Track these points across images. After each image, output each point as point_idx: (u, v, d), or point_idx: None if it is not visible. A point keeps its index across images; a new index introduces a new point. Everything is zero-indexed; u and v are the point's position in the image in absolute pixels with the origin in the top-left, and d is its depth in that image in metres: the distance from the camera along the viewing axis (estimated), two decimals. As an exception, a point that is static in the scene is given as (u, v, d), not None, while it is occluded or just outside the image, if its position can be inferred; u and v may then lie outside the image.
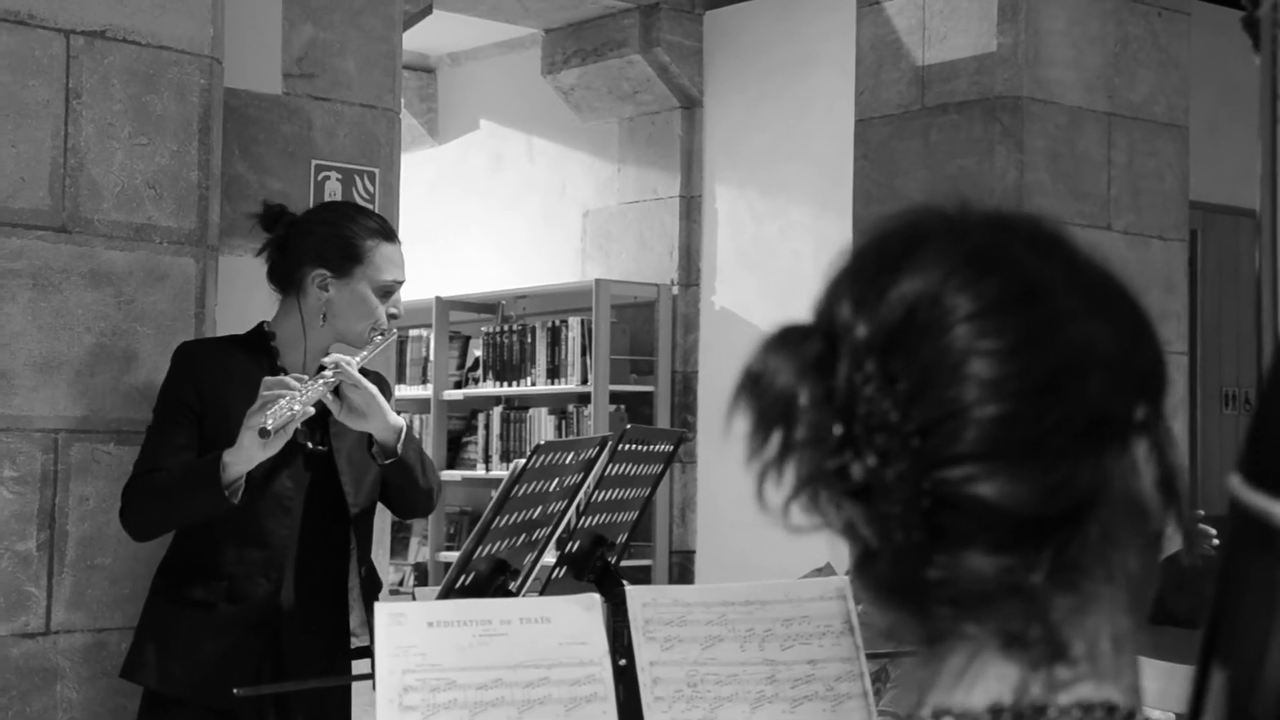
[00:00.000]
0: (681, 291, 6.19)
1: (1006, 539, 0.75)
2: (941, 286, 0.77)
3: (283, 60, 3.76)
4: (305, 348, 2.73)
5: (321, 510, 2.69)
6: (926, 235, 0.80)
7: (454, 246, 7.10)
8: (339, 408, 2.60)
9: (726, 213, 6.15)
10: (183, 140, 3.16)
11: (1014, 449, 0.74)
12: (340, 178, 3.84)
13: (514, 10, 6.30)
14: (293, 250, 2.72)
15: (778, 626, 2.04)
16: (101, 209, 3.07)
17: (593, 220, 6.57)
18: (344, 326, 2.71)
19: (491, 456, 6.51)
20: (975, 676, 0.78)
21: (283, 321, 2.75)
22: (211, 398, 2.66)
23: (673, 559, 6.14)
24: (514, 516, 2.39)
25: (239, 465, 2.51)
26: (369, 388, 2.61)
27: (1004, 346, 0.75)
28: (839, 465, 0.76)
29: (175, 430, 2.65)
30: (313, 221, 2.76)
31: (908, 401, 0.75)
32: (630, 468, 2.67)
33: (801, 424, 0.77)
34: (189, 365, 2.70)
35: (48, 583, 2.97)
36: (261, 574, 2.65)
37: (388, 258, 2.72)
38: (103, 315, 3.05)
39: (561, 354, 6.25)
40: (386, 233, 2.75)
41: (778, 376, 0.79)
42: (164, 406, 2.69)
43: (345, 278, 2.69)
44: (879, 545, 0.76)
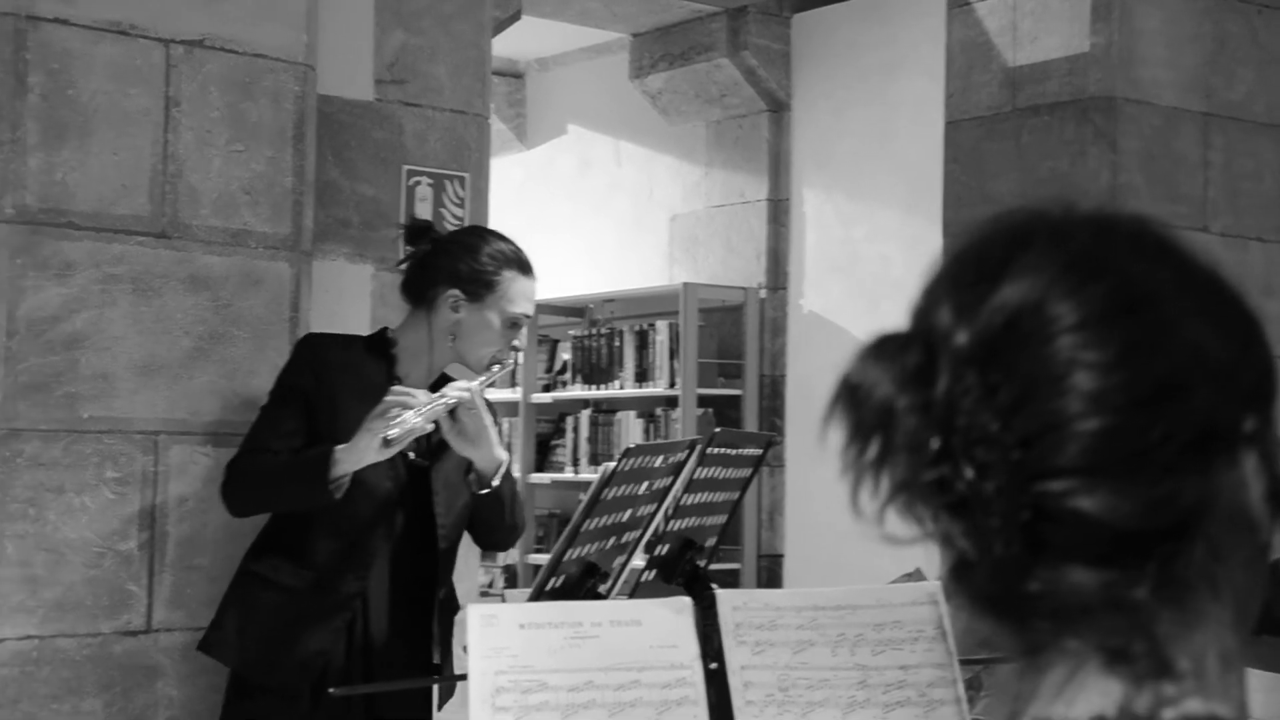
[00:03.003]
0: (769, 295, 6.17)
1: (1109, 553, 0.74)
2: (1044, 294, 0.75)
3: (374, 67, 3.80)
4: (429, 362, 2.77)
5: (412, 523, 2.72)
6: (1029, 239, 0.78)
7: (542, 250, 7.10)
8: (450, 428, 2.62)
9: (814, 216, 6.12)
10: (277, 147, 3.20)
11: (1118, 462, 0.73)
12: (431, 182, 3.86)
13: (601, 15, 6.32)
14: (431, 267, 2.76)
15: (869, 631, 2.02)
16: (199, 215, 3.11)
17: (680, 224, 6.57)
18: (467, 350, 2.75)
19: (580, 459, 6.52)
20: (1076, 690, 0.76)
21: (407, 332, 2.79)
22: (326, 390, 2.70)
23: (761, 563, 6.12)
24: (603, 519, 2.39)
25: (348, 464, 2.55)
26: (483, 418, 2.64)
27: (1108, 357, 0.74)
28: (937, 477, 0.75)
29: (287, 414, 2.70)
30: (456, 243, 2.79)
31: (1008, 413, 0.74)
32: (719, 471, 2.66)
33: (900, 435, 0.76)
34: (311, 355, 2.74)
35: (148, 582, 3.02)
36: (350, 570, 2.67)
37: (522, 291, 2.76)
38: (200, 319, 3.09)
39: (649, 357, 6.25)
40: (524, 266, 2.78)
41: (877, 387, 0.77)
42: (280, 390, 2.74)
43: (477, 303, 2.72)
44: (977, 557, 0.75)
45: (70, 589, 2.94)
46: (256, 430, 2.73)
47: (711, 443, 2.61)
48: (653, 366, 6.23)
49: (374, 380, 2.68)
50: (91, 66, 3.00)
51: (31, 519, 2.91)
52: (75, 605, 2.94)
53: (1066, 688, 0.76)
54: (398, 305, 2.96)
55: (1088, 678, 0.76)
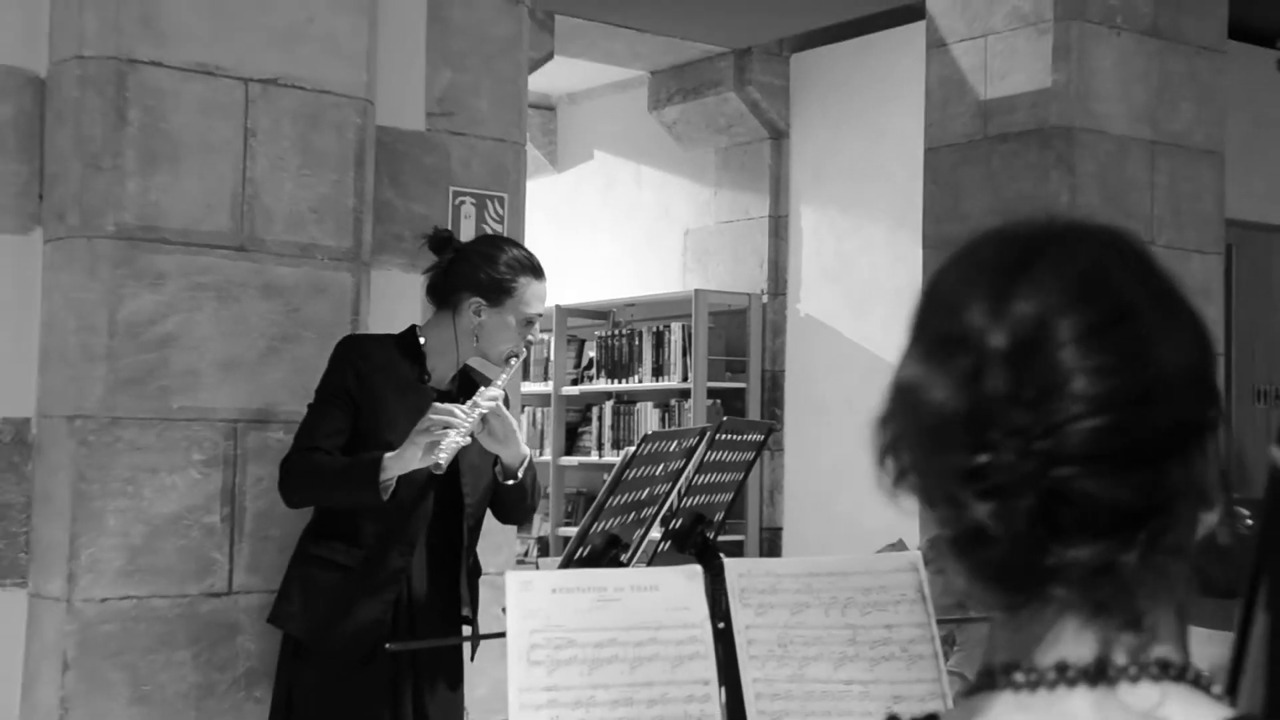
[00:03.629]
0: (770, 300, 6.16)
1: (1108, 527, 0.77)
2: (1052, 309, 0.78)
3: (425, 101, 3.80)
4: (456, 359, 2.76)
5: (445, 504, 2.72)
6: (1041, 251, 0.81)
7: (571, 261, 7.13)
8: (481, 430, 2.61)
9: (810, 230, 6.11)
10: (341, 171, 3.21)
11: (1115, 453, 0.76)
12: (474, 202, 3.87)
13: (624, 55, 6.31)
14: (455, 275, 2.74)
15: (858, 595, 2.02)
16: (273, 231, 3.12)
17: (692, 238, 6.56)
18: (488, 348, 2.74)
19: (604, 444, 6.53)
20: (1053, 640, 0.79)
21: (434, 331, 2.76)
22: (368, 387, 2.68)
23: (763, 535, 6.11)
24: (625, 497, 2.39)
25: (395, 470, 2.53)
26: (510, 422, 2.63)
27: (1103, 365, 0.77)
28: (976, 465, 0.77)
29: (334, 413, 2.67)
30: (476, 254, 2.76)
31: (1033, 409, 0.77)
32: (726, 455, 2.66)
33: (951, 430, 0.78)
34: (352, 355, 2.72)
35: (229, 550, 3.03)
36: (395, 548, 2.66)
37: (536, 294, 2.74)
38: (274, 322, 3.10)
39: (665, 355, 6.25)
40: (537, 271, 2.76)
41: (934, 388, 0.79)
42: (326, 389, 2.71)
43: (497, 307, 2.70)
44: (1001, 533, 0.77)
45: (163, 556, 2.95)
46: (306, 429, 2.70)
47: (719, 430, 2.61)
48: (668, 363, 6.22)
49: (408, 376, 2.67)
50: (180, 102, 3.01)
51: (130, 495, 2.93)
52: (167, 570, 2.96)
53: (1044, 638, 0.79)
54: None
55: (1064, 628, 0.79)
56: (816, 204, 6.07)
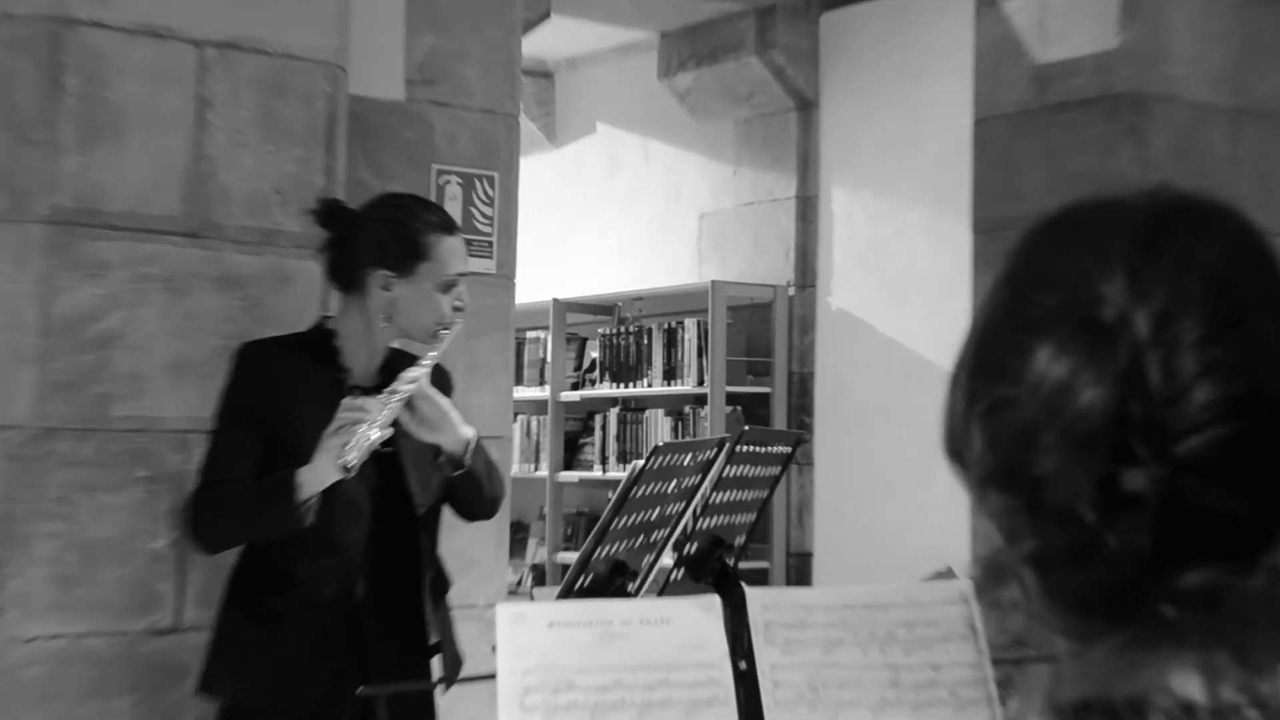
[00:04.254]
0: (798, 293, 6.15)
1: (1229, 546, 0.78)
2: (1176, 308, 0.79)
3: (405, 67, 3.80)
4: (370, 348, 2.70)
5: (389, 511, 2.66)
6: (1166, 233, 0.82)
7: (571, 249, 7.12)
8: (409, 419, 2.56)
9: (842, 214, 6.10)
10: (308, 147, 3.20)
11: (1241, 463, 0.78)
12: (461, 182, 3.86)
13: (630, 14, 6.31)
14: (352, 249, 2.68)
15: (900, 630, 2.00)
16: (231, 214, 3.11)
17: (709, 222, 6.55)
18: (409, 324, 2.67)
19: (608, 458, 6.52)
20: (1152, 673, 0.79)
21: (344, 320, 2.71)
22: (276, 401, 2.62)
23: (790, 561, 6.10)
24: (632, 518, 2.38)
25: (313, 486, 2.48)
26: (440, 403, 2.57)
27: (1227, 368, 0.78)
28: (1110, 472, 0.78)
29: (240, 436, 2.62)
30: (371, 219, 2.70)
31: (1164, 412, 0.78)
32: (748, 469, 2.65)
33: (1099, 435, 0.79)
34: (252, 367, 2.66)
35: (178, 581, 3.02)
36: (334, 579, 2.62)
37: (451, 251, 2.66)
38: (230, 318, 3.09)
39: (678, 355, 6.23)
40: (447, 225, 2.69)
41: (1085, 390, 0.79)
42: (227, 411, 2.65)
43: (408, 276, 2.64)
44: (1119, 551, 0.78)
45: (101, 588, 2.94)
46: (211, 459, 2.65)
47: (740, 440, 2.60)
48: (681, 364, 6.21)
49: (324, 378, 2.63)
50: (125, 68, 3.01)
51: (63, 518, 2.92)
52: (105, 604, 2.94)
53: (1140, 670, 0.79)
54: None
55: (1163, 663, 0.79)
56: (849, 183, 6.07)
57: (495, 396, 3.88)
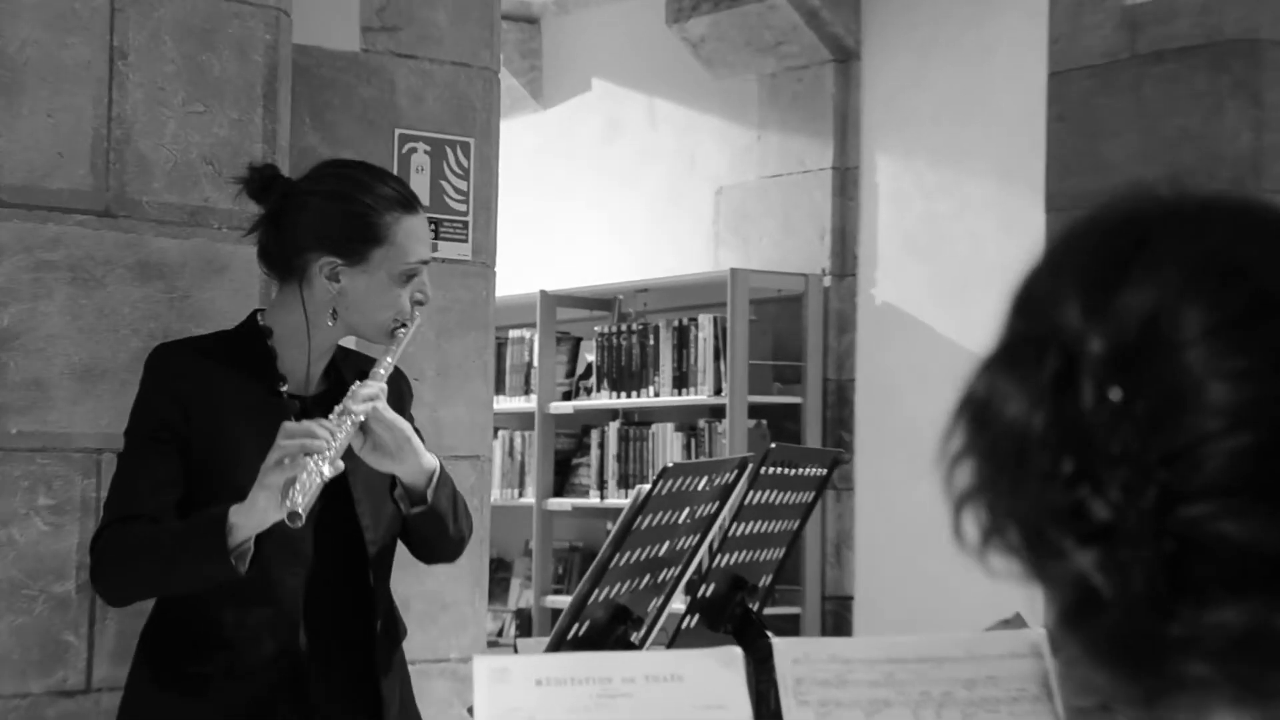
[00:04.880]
0: (835, 283, 6.16)
1: (1255, 581, 0.78)
2: (1177, 297, 0.80)
3: (361, 11, 3.81)
4: (309, 348, 2.64)
5: (335, 548, 2.63)
6: (1153, 229, 0.83)
7: (562, 231, 7.13)
8: (362, 444, 2.52)
9: (889, 187, 6.10)
10: (245, 107, 3.21)
11: (1263, 482, 0.77)
12: (429, 149, 3.87)
13: (633, -52, 6.32)
14: (290, 229, 2.63)
15: (959, 689, 2.01)
16: (151, 189, 3.12)
17: (727, 198, 6.56)
18: (360, 321, 2.63)
19: (607, 482, 6.53)
20: None
21: (281, 314, 2.66)
22: (200, 416, 2.58)
23: (826, 606, 6.11)
24: (636, 554, 2.38)
25: (249, 529, 2.42)
26: (400, 427, 2.53)
27: (1247, 367, 0.78)
28: (1073, 502, 0.79)
29: (155, 461, 2.57)
30: (314, 192, 2.64)
31: (1148, 429, 0.78)
32: (775, 495, 2.66)
33: (1034, 454, 0.80)
34: (169, 376, 2.62)
35: (89, 631, 3.02)
36: (269, 634, 2.59)
37: (411, 234, 2.62)
38: (153, 314, 3.10)
39: (690, 359, 6.25)
40: (406, 201, 2.64)
41: (1009, 401, 0.82)
42: (139, 429, 2.61)
43: (360, 264, 2.59)
44: (1114, 594, 0.79)
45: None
46: (119, 489, 2.60)
47: (765, 461, 2.60)
48: (694, 370, 6.23)
49: (255, 388, 2.60)
50: (19, 12, 3.01)
51: (-49, 554, 2.93)
52: (2, 659, 2.95)
53: None
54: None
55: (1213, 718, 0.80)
56: (898, 151, 6.07)
57: (471, 408, 3.89)
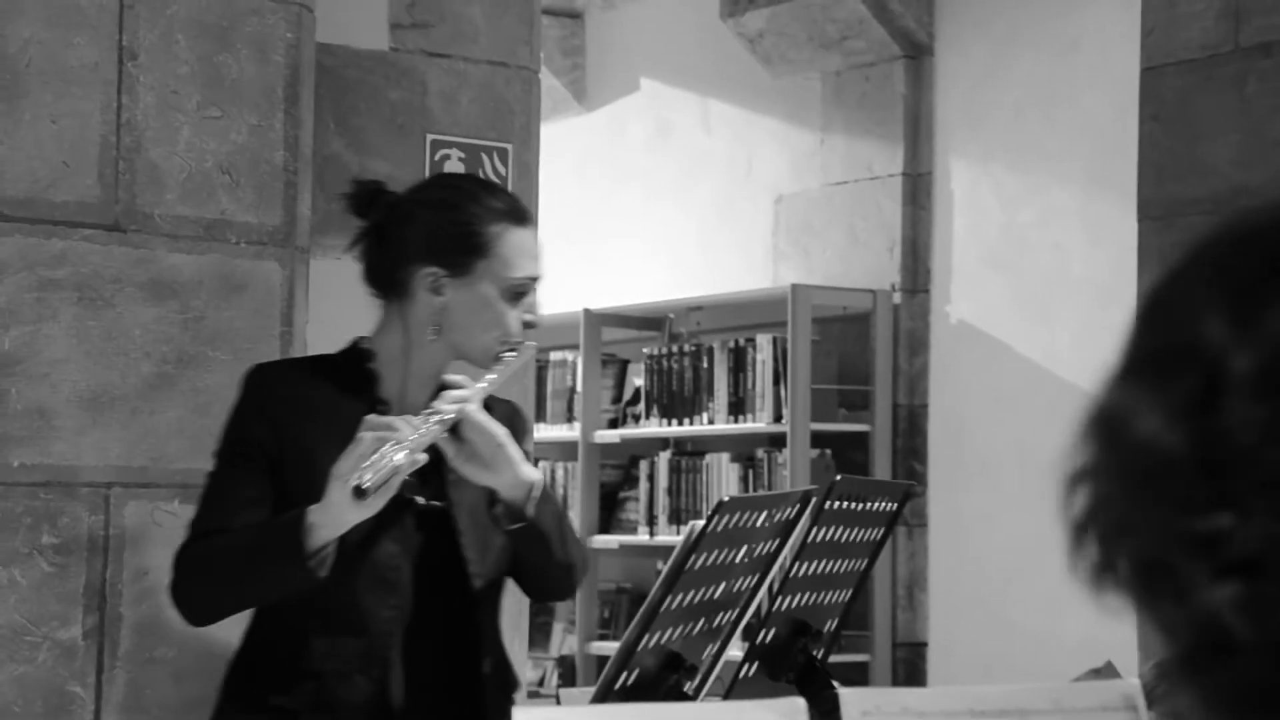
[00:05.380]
0: (905, 300, 6.14)
1: None
2: None
3: (390, 7, 3.82)
4: (410, 369, 2.71)
5: (436, 584, 2.67)
6: None
7: (607, 244, 7.12)
8: (455, 452, 2.59)
9: (966, 195, 6.09)
10: (264, 112, 3.22)
11: None
12: (463, 156, 3.88)
13: (684, -65, 6.33)
14: (394, 242, 2.71)
15: (1044, 745, 2.00)
16: (164, 201, 3.14)
17: (788, 208, 6.56)
18: (464, 340, 2.69)
19: (657, 517, 6.52)
20: None
21: (384, 336, 2.74)
22: (293, 438, 2.65)
23: (897, 653, 6.08)
24: (689, 596, 2.38)
25: (327, 528, 2.48)
26: (495, 431, 2.58)
27: None
28: (1211, 531, 0.78)
29: (244, 479, 2.65)
30: (419, 203, 2.74)
31: None
32: (840, 532, 2.66)
33: (1167, 477, 0.80)
34: (263, 395, 2.69)
35: (96, 681, 3.04)
36: (359, 670, 2.63)
37: (520, 248, 2.69)
38: (166, 337, 3.11)
39: (748, 383, 6.24)
40: (517, 214, 2.72)
41: (1140, 418, 0.81)
42: (230, 448, 2.69)
43: (464, 277, 2.66)
44: (1252, 637, 0.78)
45: (-2, 687, 2.97)
46: (206, 506, 2.67)
47: (830, 494, 2.60)
48: (752, 395, 6.22)
49: (352, 409, 2.62)
50: (21, 9, 3.04)
51: (-52, 596, 2.95)
52: (3, 711, 2.96)
53: None
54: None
55: None
56: (975, 155, 6.06)
57: (508, 438, 3.89)
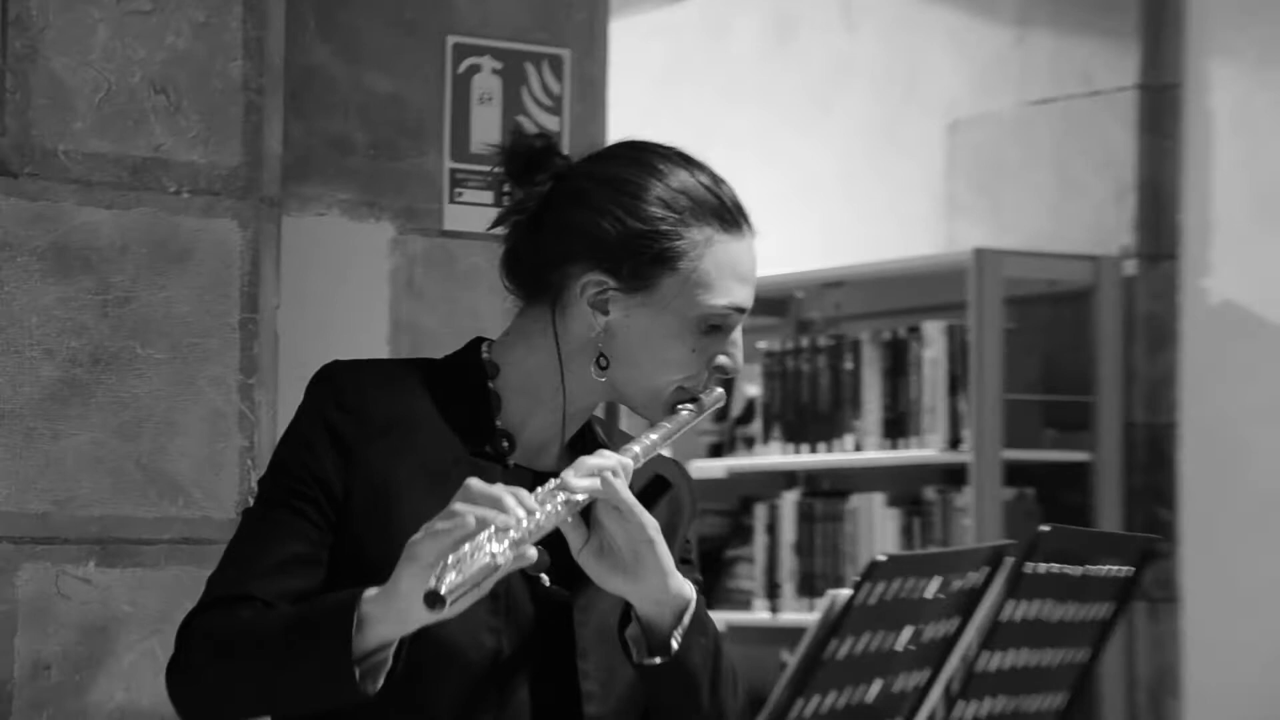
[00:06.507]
0: (1144, 271, 6.13)
1: None
2: None
3: None
4: (545, 400, 2.76)
5: (542, 702, 2.70)
6: None
7: (708, 193, 7.16)
8: (582, 543, 2.59)
9: (1229, 118, 6.07)
10: (215, 5, 3.25)
11: None
12: (499, 68, 3.89)
13: None
14: (554, 227, 2.73)
15: None
16: (71, 133, 3.16)
17: (967, 138, 6.56)
18: (628, 379, 2.73)
19: (780, 586, 6.57)
20: None
21: (518, 347, 2.76)
22: (371, 473, 2.66)
23: (1135, 780, 6.09)
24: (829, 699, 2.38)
25: (387, 624, 2.48)
26: (642, 522, 2.58)
27: None
28: None
29: (293, 528, 2.64)
30: (595, 179, 2.74)
31: None
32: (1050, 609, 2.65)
33: None
34: (338, 409, 2.69)
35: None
36: None
37: (728, 265, 2.71)
38: (76, 327, 3.13)
39: (911, 392, 6.26)
40: (731, 217, 2.74)
41: None
42: (280, 479, 2.68)
43: (640, 293, 2.69)
44: None
45: None
46: (233, 560, 2.66)
47: (1034, 553, 2.59)
48: (916, 409, 6.25)
49: (460, 446, 2.68)
50: None
51: None
52: None
53: None
54: (446, 297, 2.96)
55: None
56: (1248, 60, 6.03)
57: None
